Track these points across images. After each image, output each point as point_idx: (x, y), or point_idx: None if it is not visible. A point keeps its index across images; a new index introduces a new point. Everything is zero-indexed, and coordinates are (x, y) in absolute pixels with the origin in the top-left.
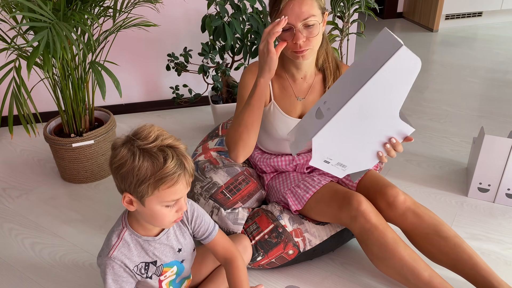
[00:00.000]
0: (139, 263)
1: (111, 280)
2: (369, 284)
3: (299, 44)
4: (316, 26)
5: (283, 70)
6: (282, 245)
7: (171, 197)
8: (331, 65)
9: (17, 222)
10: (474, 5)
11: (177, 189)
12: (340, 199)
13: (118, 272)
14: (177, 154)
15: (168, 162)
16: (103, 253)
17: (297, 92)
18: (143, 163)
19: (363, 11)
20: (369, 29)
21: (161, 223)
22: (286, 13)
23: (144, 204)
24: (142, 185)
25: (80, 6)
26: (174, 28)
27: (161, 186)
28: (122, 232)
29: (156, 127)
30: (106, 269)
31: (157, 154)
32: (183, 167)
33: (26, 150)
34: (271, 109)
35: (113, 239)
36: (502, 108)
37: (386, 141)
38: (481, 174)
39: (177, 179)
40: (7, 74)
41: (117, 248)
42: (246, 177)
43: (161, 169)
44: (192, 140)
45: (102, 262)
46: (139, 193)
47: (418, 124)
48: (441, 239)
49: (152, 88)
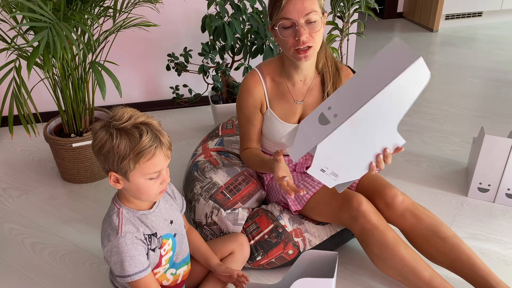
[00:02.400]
0: (144, 234)
1: (128, 257)
2: (369, 284)
3: (302, 40)
4: (318, 22)
5: (283, 76)
6: (282, 245)
7: (152, 169)
8: (331, 69)
9: (17, 222)
10: (474, 5)
11: (157, 161)
12: (340, 200)
13: (133, 246)
14: (151, 129)
15: (144, 137)
16: (111, 237)
17: (296, 95)
18: (121, 141)
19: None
20: (369, 29)
21: (147, 196)
22: (288, 9)
23: (129, 179)
24: (123, 161)
25: (80, 6)
26: (174, 28)
27: (141, 160)
28: (120, 212)
29: (129, 108)
30: (121, 249)
31: (132, 131)
32: (158, 140)
33: (26, 150)
34: (268, 115)
35: (114, 220)
36: (502, 108)
37: (380, 152)
38: (481, 174)
39: (154, 151)
40: (7, 74)
41: (123, 225)
42: (246, 177)
43: (138, 144)
44: (192, 140)
45: (114, 245)
46: (123, 170)
47: (418, 124)
48: (440, 240)
49: (152, 88)
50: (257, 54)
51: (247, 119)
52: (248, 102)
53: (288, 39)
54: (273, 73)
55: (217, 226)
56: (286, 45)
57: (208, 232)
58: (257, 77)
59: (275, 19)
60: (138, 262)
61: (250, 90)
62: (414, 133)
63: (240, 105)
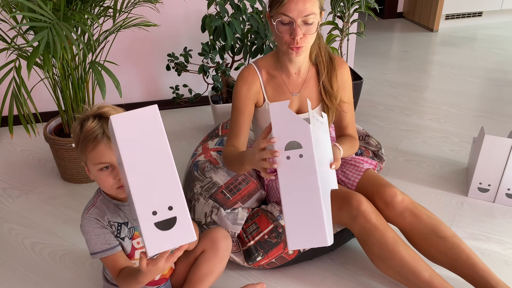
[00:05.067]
0: (112, 221)
1: (94, 236)
2: (369, 284)
3: (296, 40)
4: (314, 24)
5: (277, 68)
6: (282, 245)
7: (98, 159)
8: (324, 59)
9: (17, 222)
10: (474, 5)
11: (101, 151)
12: (340, 199)
13: (96, 226)
14: (100, 118)
15: (88, 123)
16: (82, 217)
17: (292, 88)
18: (76, 129)
19: (363, 11)
20: (369, 29)
21: (104, 188)
22: (290, 7)
23: (89, 169)
24: (78, 150)
25: (80, 6)
26: (174, 28)
27: (87, 149)
28: (96, 197)
29: (106, 104)
30: (86, 228)
31: (85, 121)
32: (102, 129)
33: (26, 150)
34: (266, 108)
35: (89, 203)
36: (502, 108)
37: None
38: (481, 174)
39: (95, 140)
40: (7, 74)
41: (92, 208)
42: (246, 177)
43: (82, 132)
44: (192, 140)
45: (82, 223)
46: (82, 159)
47: (418, 124)
48: (439, 239)
49: (152, 88)
50: (257, 54)
51: (238, 110)
52: (242, 92)
53: (284, 35)
54: (268, 67)
55: (216, 226)
56: (281, 40)
57: None
58: (253, 70)
59: (274, 11)
60: (103, 240)
61: (245, 80)
62: (414, 133)
63: (234, 95)
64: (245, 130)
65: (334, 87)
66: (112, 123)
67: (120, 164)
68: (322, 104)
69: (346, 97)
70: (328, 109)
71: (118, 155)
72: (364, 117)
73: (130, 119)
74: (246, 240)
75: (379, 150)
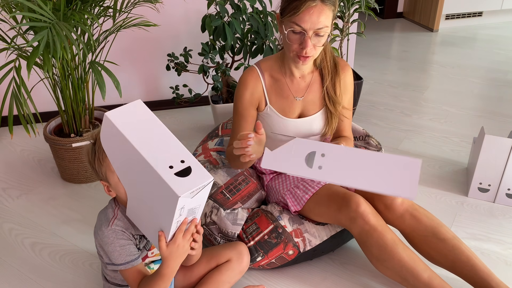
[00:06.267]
0: (135, 234)
1: (118, 247)
2: (369, 284)
3: (305, 51)
4: (325, 37)
5: (281, 71)
6: (282, 246)
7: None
8: (329, 64)
9: (17, 222)
10: (474, 5)
11: None
12: (339, 201)
13: (122, 237)
14: None
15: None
16: (103, 227)
17: (295, 92)
18: (90, 147)
19: (363, 11)
20: (369, 29)
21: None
22: (304, 18)
23: (109, 181)
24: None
25: (80, 6)
26: (174, 28)
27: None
28: (116, 208)
29: None
30: (111, 238)
31: None
32: None
33: (26, 150)
34: (268, 112)
35: (109, 214)
36: (502, 108)
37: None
38: (481, 174)
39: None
40: (7, 74)
41: (116, 219)
42: (246, 178)
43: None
44: (192, 140)
45: (105, 235)
46: (101, 171)
47: (418, 124)
48: (440, 241)
49: (152, 88)
50: (257, 54)
51: (240, 115)
52: (244, 97)
53: (293, 44)
54: (271, 70)
55: (216, 226)
56: (289, 48)
57: (206, 232)
58: (255, 73)
59: (287, 18)
60: (129, 251)
61: (247, 85)
62: (414, 133)
63: (235, 100)
64: None
65: (337, 93)
66: (108, 117)
67: (126, 151)
68: (325, 109)
69: (346, 101)
70: (331, 114)
71: (122, 144)
72: (364, 117)
73: (122, 111)
74: (246, 240)
75: (379, 150)
